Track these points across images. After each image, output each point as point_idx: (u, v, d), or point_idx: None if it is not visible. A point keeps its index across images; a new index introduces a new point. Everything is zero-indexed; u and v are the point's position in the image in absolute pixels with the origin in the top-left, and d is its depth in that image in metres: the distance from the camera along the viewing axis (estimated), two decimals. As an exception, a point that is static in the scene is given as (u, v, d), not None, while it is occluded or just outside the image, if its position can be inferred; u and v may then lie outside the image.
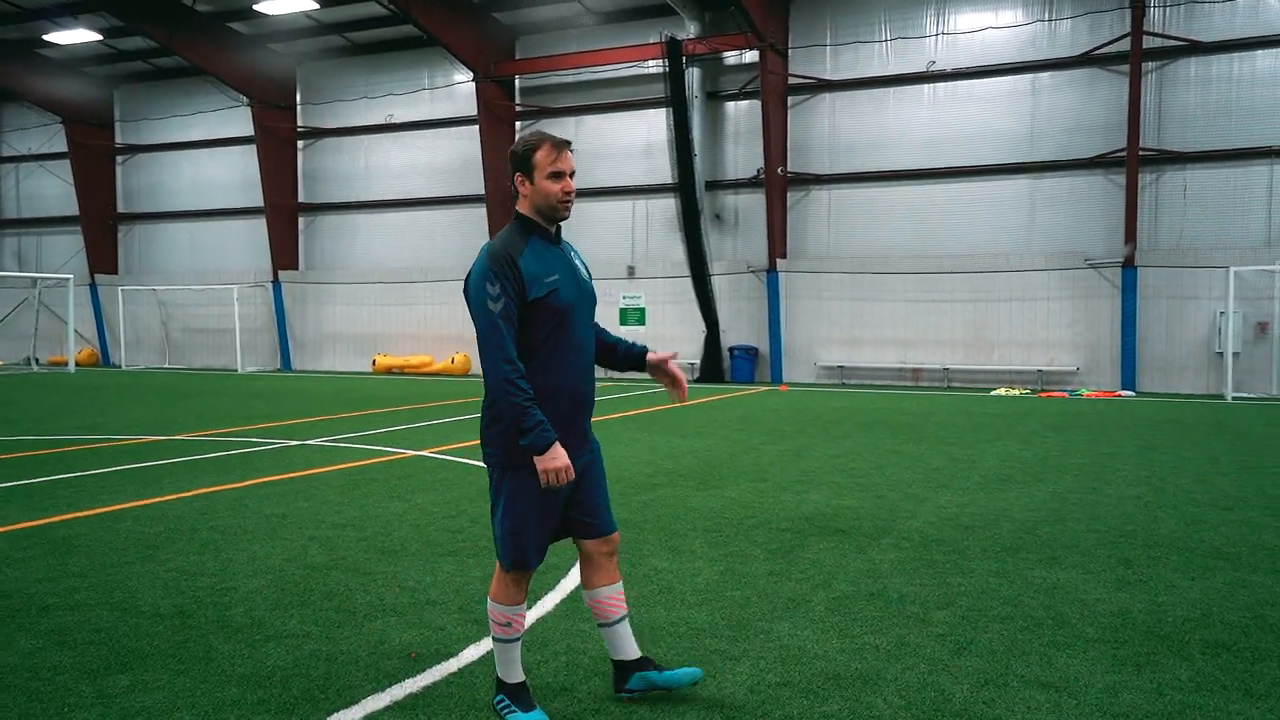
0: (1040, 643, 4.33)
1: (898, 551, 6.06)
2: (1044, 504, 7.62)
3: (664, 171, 24.16)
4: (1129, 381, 20.27)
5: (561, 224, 3.54)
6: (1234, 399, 18.41)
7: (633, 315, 25.59)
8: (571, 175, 3.43)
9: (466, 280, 3.43)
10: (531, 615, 4.74)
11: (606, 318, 25.69)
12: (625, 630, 3.73)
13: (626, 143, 25.58)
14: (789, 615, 4.76)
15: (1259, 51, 19.75)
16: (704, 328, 23.88)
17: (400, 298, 28.55)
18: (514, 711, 3.51)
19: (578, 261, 3.61)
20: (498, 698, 3.58)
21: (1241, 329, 19.49)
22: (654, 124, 24.89)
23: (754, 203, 24.26)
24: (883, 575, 5.49)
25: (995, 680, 3.89)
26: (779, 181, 23.39)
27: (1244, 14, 19.79)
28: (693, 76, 23.56)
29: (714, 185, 24.62)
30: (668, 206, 24.84)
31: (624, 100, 25.53)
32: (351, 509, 7.46)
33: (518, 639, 3.59)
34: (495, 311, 3.29)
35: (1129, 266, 20.27)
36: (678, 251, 24.09)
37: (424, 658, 4.20)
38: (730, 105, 24.53)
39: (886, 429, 13.05)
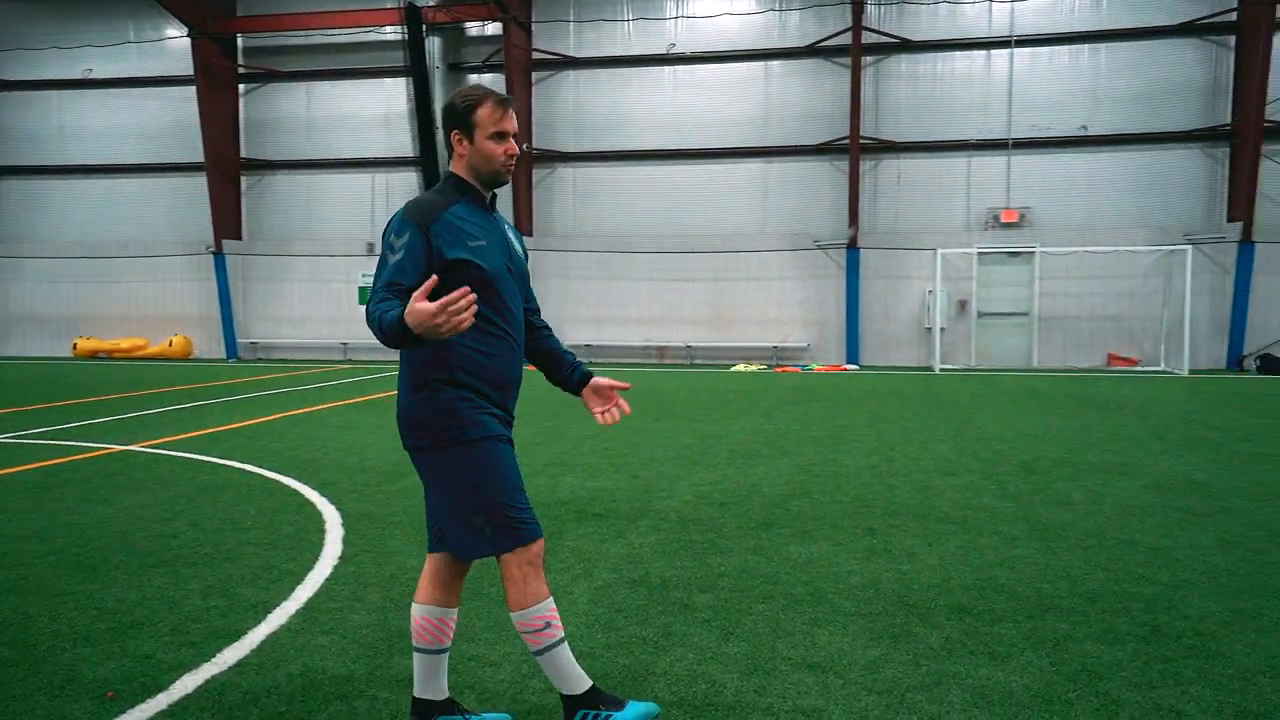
0: (803, 621, 4.32)
1: (657, 534, 5.94)
2: (791, 477, 7.82)
3: (405, 144, 23.17)
4: (853, 356, 21.70)
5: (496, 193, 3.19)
6: (941, 370, 20.15)
7: (373, 294, 24.43)
8: (515, 137, 3.10)
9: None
10: (260, 631, 4.19)
11: (345, 297, 24.42)
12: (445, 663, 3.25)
13: (364, 113, 24.32)
14: (550, 610, 4.48)
15: (957, 53, 21.61)
16: (449, 307, 23.15)
17: (105, 274, 25.72)
18: (610, 715, 3.07)
19: (511, 236, 3.23)
20: (580, 714, 3.07)
21: (947, 306, 21.35)
22: (394, 94, 23.81)
23: (499, 179, 23.79)
24: (644, 560, 5.35)
25: (763, 666, 3.80)
26: (525, 158, 23.05)
27: (945, 17, 21.57)
28: (434, 46, 22.70)
29: (457, 160, 23.89)
30: (409, 180, 23.86)
31: (361, 67, 24.23)
32: (39, 517, 6.42)
33: (564, 638, 3.08)
34: (391, 263, 2.90)
35: (852, 248, 21.64)
36: (420, 227, 23.20)
37: (123, 696, 3.55)
38: (473, 78, 23.87)
39: (637, 407, 13.11)
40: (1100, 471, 8.02)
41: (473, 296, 2.65)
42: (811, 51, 22.07)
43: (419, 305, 2.61)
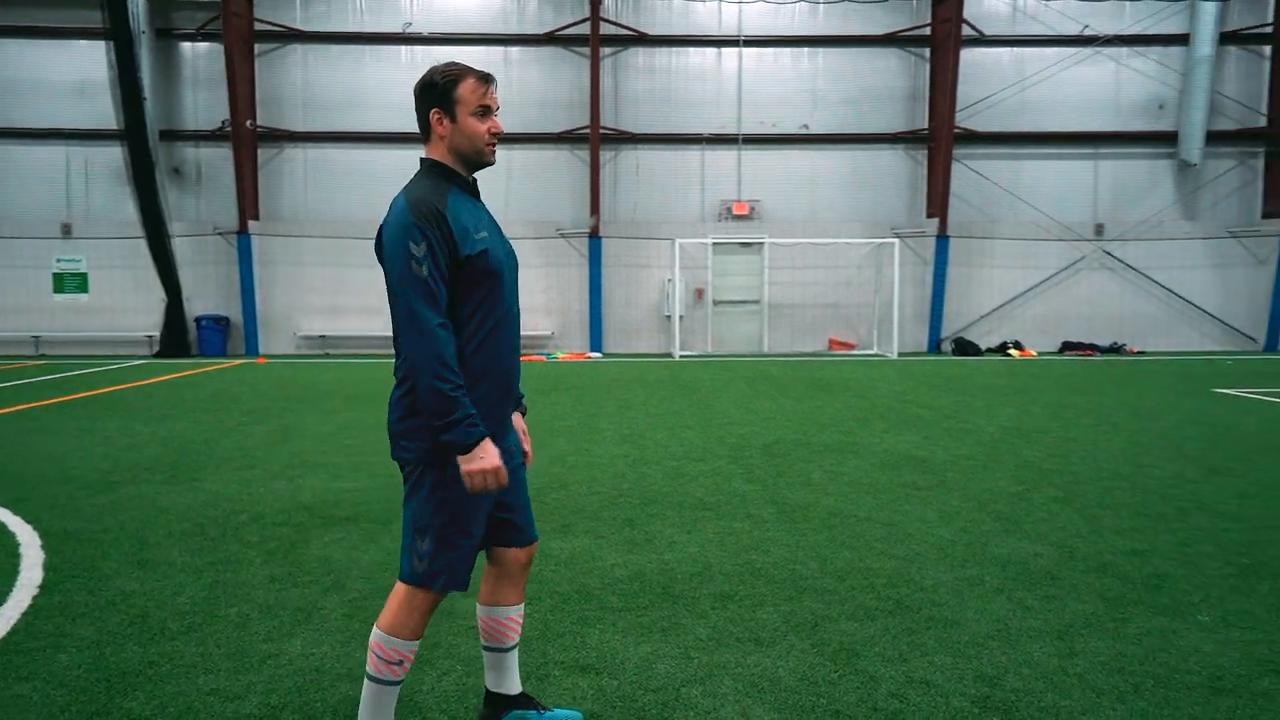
0: (572, 621, 4.23)
1: (411, 536, 5.65)
2: (546, 469, 7.73)
3: (107, 115, 20.91)
4: (596, 344, 21.99)
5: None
6: (681, 356, 20.85)
7: (71, 282, 21.94)
8: (496, 114, 2.86)
9: (379, 238, 2.74)
10: (-56, 685, 3.55)
11: (38, 285, 21.79)
12: (515, 660, 3.18)
13: (56, 78, 21.72)
14: (301, 630, 4.12)
15: (691, 49, 22.37)
16: (164, 296, 21.23)
17: None
18: None
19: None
20: None
21: (684, 294, 22.11)
22: (92, 59, 21.41)
23: (219, 157, 22.06)
24: (355, 569, 5.06)
25: (537, 672, 3.67)
26: (248, 135, 21.49)
27: (679, 14, 22.25)
28: (138, 7, 20.59)
29: (171, 135, 21.92)
30: (113, 156, 21.58)
31: (51, 26, 21.59)
32: None
33: (400, 682, 2.87)
34: (422, 275, 2.62)
35: (594, 237, 21.90)
36: (128, 209, 21.09)
37: None
38: (187, 46, 21.95)
39: (377, 400, 12.56)
40: (834, 452, 8.53)
41: (504, 482, 2.71)
42: (551, 40, 22.06)
43: (492, 461, 2.66)
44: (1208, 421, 10.39)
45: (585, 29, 21.74)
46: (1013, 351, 21.75)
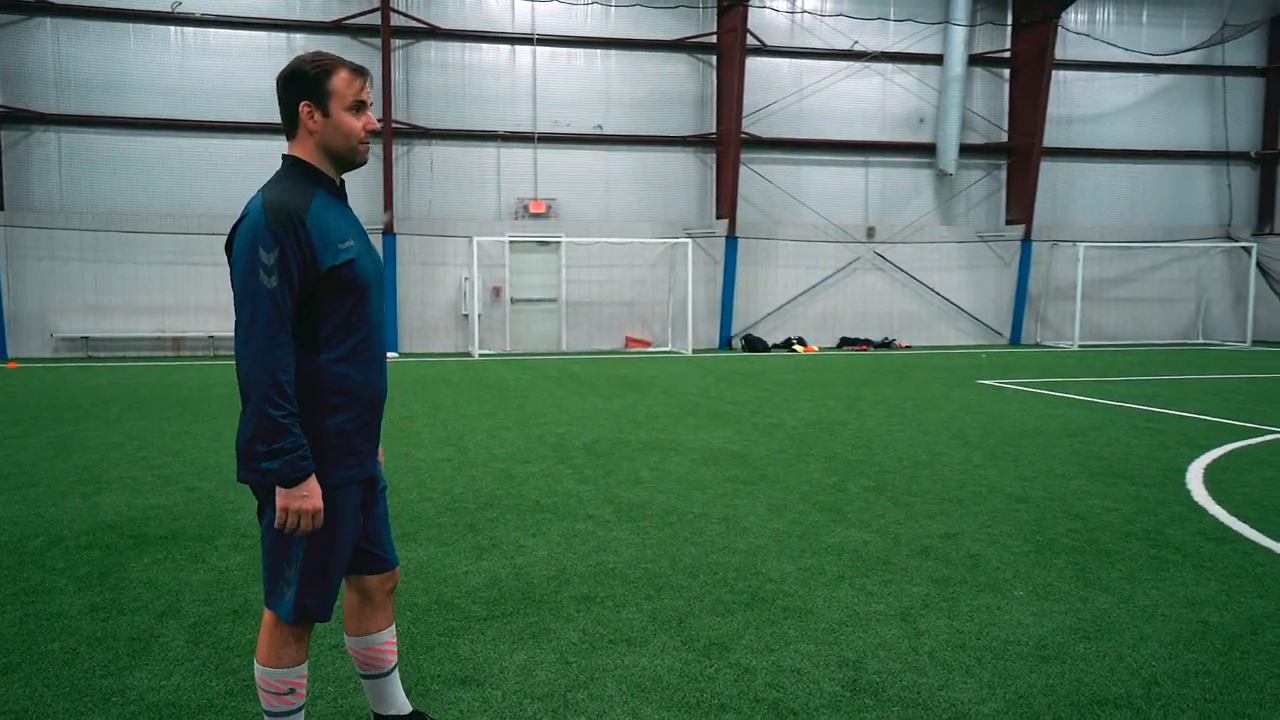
0: (438, 633, 4.15)
1: (242, 553, 5.35)
2: (370, 477, 7.48)
3: None
4: (393, 344, 21.38)
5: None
6: (480, 355, 20.64)
7: None
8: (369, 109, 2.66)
9: (230, 238, 2.51)
10: None
11: None
12: (397, 680, 3.07)
13: None
14: (141, 662, 3.83)
15: (485, 45, 22.15)
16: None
17: None
18: None
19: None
20: None
21: (482, 293, 21.89)
22: None
23: (-46, 139, 19.75)
24: (238, 585, 4.78)
25: (415, 688, 3.59)
26: (-10, 116, 19.36)
27: (471, 9, 21.98)
28: None
29: (-107, 112, 19.41)
30: None
31: None
32: None
33: (302, 708, 2.75)
34: (269, 287, 2.42)
35: (389, 234, 21.27)
36: None
37: None
38: (-88, 12, 19.50)
39: (164, 407, 11.70)
40: (655, 449, 8.75)
41: (319, 524, 2.54)
42: (339, 28, 21.21)
43: (313, 502, 2.49)
44: (979, 410, 11.43)
45: (375, 19, 21.06)
46: (797, 347, 22.98)
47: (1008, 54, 24.66)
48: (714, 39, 23.07)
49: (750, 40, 22.53)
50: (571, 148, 22.59)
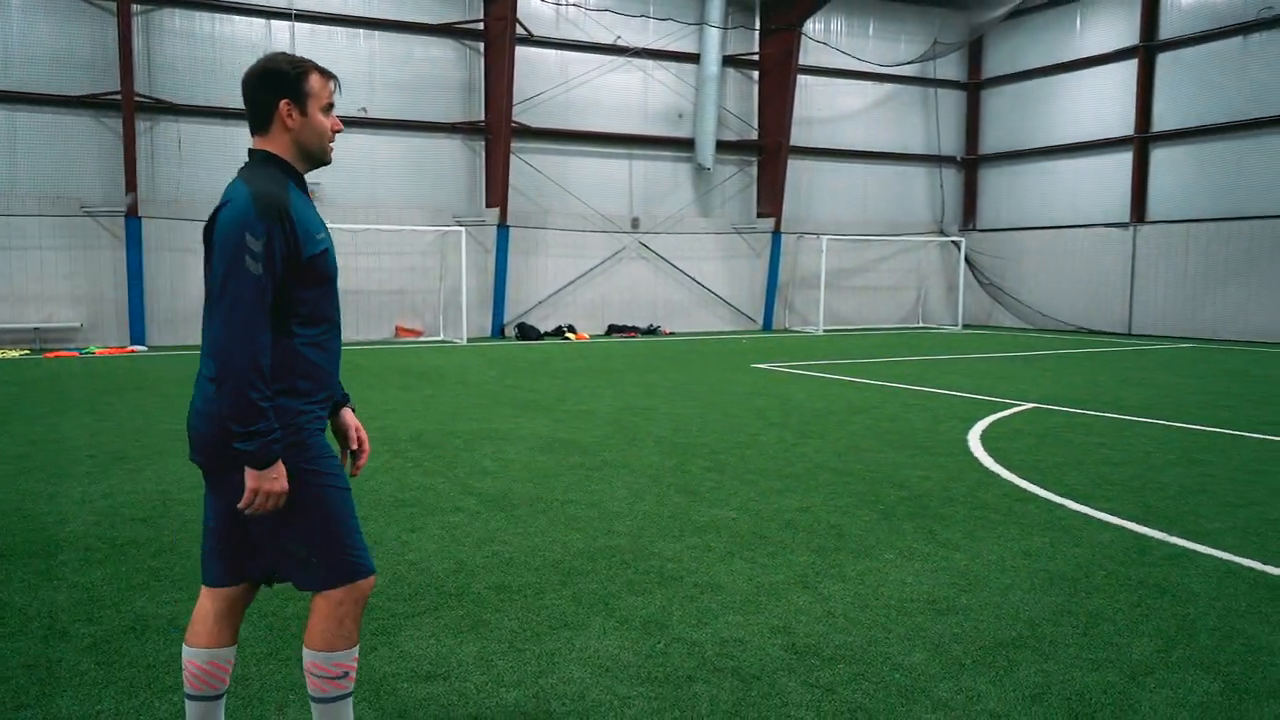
0: (371, 631, 4.08)
1: (100, 567, 4.93)
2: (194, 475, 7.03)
3: None
4: (139, 336, 19.65)
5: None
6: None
7: None
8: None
9: (211, 223, 2.57)
10: None
11: None
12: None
13: None
14: (54, 690, 3.52)
15: (238, 17, 20.78)
16: None
17: None
18: None
19: None
20: None
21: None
22: None
23: None
24: (118, 601, 4.43)
25: (380, 688, 3.56)
26: None
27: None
28: None
29: None
30: None
31: None
32: None
33: (351, 693, 2.76)
34: (255, 274, 2.48)
35: (131, 217, 19.50)
36: None
37: None
38: None
39: (-104, 414, 10.26)
40: (486, 439, 8.77)
41: (280, 505, 2.57)
42: (64, -13, 19.14)
43: (282, 484, 2.53)
44: (767, 393, 12.28)
45: (109, -20, 19.20)
46: (570, 335, 23.38)
47: (757, 57, 26.23)
48: (481, 26, 22.91)
49: (518, 29, 22.57)
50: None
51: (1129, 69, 24.95)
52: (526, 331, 22.84)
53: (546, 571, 4.92)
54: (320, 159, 2.77)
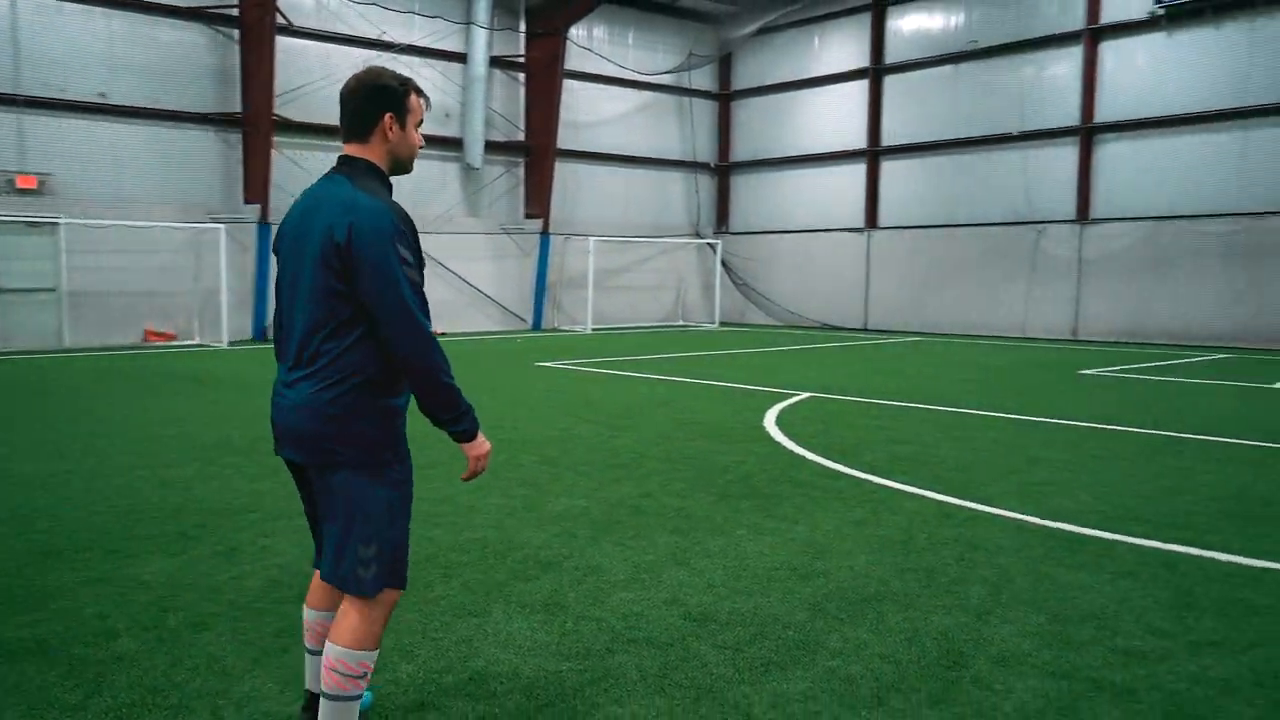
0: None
1: (-67, 597, 4.51)
2: (27, 495, 6.44)
3: None
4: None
5: None
6: (-39, 356, 17.36)
7: None
8: None
9: (351, 233, 2.67)
10: None
11: None
12: None
13: None
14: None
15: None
16: None
17: None
18: None
19: None
20: None
21: (-44, 281, 18.36)
22: None
23: None
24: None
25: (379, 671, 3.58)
26: None
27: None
28: None
29: None
30: None
31: None
32: None
33: (362, 694, 2.88)
34: (414, 280, 2.72)
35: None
36: None
37: None
38: None
39: None
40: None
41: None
42: None
43: (488, 445, 2.92)
44: (564, 390, 12.62)
45: None
46: (338, 337, 22.57)
47: (523, 59, 26.49)
48: (236, 11, 21.66)
49: (278, 19, 21.57)
50: (69, 116, 19.73)
51: (862, 88, 27.39)
52: (292, 334, 21.85)
53: (425, 566, 5.00)
54: (406, 169, 2.98)
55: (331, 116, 23.47)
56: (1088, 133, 23.01)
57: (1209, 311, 21.25)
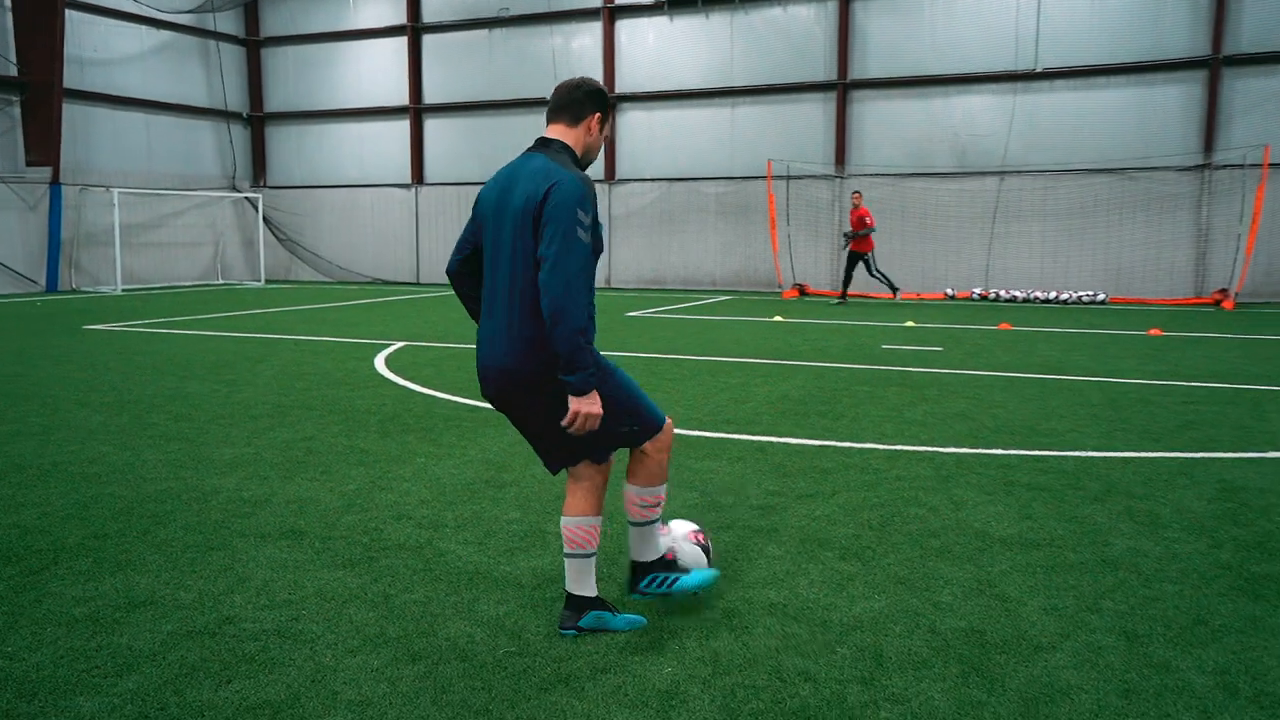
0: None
1: None
2: None
3: None
4: None
5: None
6: None
7: None
8: None
9: (547, 195, 3.28)
10: None
11: None
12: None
13: None
14: None
15: None
16: None
17: None
18: (678, 579, 3.66)
19: None
20: (650, 578, 3.67)
21: None
22: None
23: None
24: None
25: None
26: None
27: None
28: None
29: None
30: None
31: None
32: None
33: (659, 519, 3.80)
34: (586, 242, 3.27)
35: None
36: None
37: None
38: None
39: None
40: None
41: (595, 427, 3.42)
42: None
43: (599, 408, 3.33)
44: (138, 350, 11.81)
45: None
46: None
47: (11, -15, 22.98)
48: None
49: None
50: None
51: (401, 45, 27.65)
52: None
53: (126, 518, 4.98)
54: (590, 163, 3.60)
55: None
56: (614, 100, 25.62)
57: (713, 260, 25.04)
